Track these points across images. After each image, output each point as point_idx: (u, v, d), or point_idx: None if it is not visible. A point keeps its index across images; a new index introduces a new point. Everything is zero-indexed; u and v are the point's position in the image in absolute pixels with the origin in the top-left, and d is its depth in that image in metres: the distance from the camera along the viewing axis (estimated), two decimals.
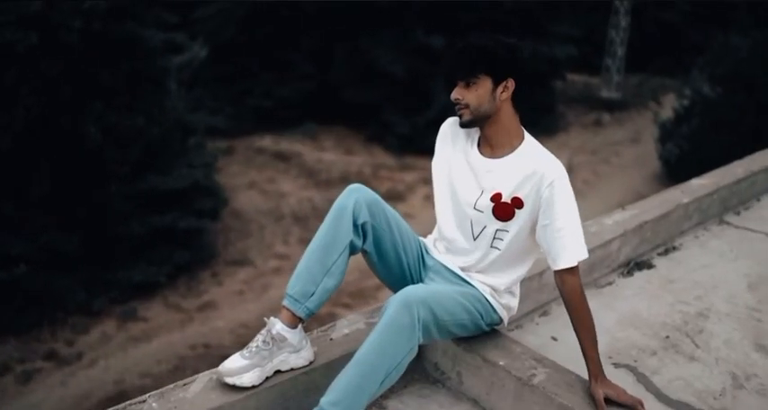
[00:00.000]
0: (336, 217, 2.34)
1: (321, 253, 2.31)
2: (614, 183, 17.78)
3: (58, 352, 11.40)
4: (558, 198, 2.26)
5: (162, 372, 11.11)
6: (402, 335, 2.10)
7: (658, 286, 3.47)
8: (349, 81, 20.13)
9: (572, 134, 20.48)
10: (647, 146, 19.35)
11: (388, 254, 2.46)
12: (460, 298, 2.32)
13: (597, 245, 3.39)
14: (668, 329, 3.09)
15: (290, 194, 17.72)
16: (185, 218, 13.47)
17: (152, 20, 12.85)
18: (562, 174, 2.28)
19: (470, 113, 2.30)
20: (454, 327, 2.32)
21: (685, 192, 4.16)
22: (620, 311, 3.22)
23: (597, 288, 3.42)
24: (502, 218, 2.35)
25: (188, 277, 13.71)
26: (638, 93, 22.93)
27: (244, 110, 19.88)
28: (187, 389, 2.24)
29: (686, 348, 2.95)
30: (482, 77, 2.26)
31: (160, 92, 13.08)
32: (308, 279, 2.30)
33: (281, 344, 2.26)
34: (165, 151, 13.32)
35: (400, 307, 2.09)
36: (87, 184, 12.18)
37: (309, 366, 2.36)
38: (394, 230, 2.45)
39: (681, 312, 3.24)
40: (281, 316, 2.30)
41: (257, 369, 2.22)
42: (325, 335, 2.56)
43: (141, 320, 12.41)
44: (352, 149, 20.17)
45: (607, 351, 2.90)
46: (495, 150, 2.37)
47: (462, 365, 2.54)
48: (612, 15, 21.90)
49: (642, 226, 3.66)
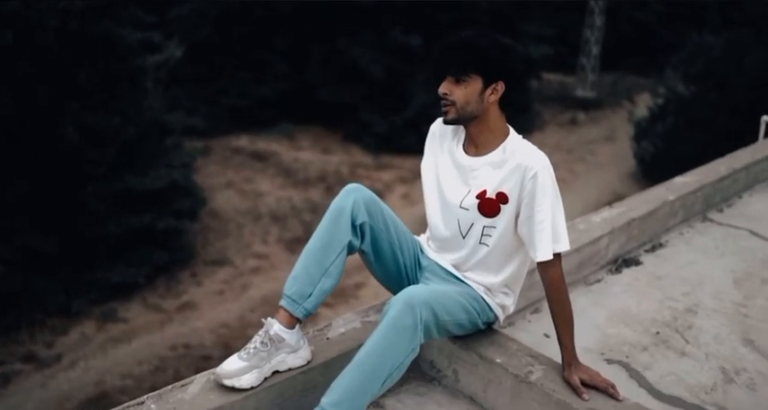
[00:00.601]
0: (335, 217, 2.34)
1: (319, 253, 2.31)
2: (590, 182, 17.92)
3: (36, 354, 11.28)
4: (539, 190, 2.27)
5: (143, 373, 11.05)
6: (405, 336, 2.10)
7: (646, 283, 3.52)
8: (326, 80, 20.10)
9: (548, 133, 20.60)
10: (622, 144, 19.53)
11: (386, 254, 2.47)
12: (459, 297, 2.34)
13: (586, 242, 3.43)
14: (658, 325, 3.13)
15: (267, 194, 17.67)
16: (164, 218, 13.38)
17: (128, 19, 12.73)
18: (545, 166, 2.29)
19: (456, 112, 2.30)
20: (453, 327, 2.34)
21: (670, 190, 4.21)
22: (610, 308, 3.26)
23: (586, 285, 3.45)
24: (488, 215, 2.35)
25: (167, 277, 13.62)
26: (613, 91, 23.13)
27: (220, 110, 19.77)
28: (185, 390, 2.23)
29: (676, 343, 2.99)
30: (473, 76, 2.26)
31: (137, 91, 12.97)
32: (305, 279, 2.29)
33: (279, 345, 2.26)
34: (143, 151, 13.21)
35: (403, 308, 2.10)
36: (65, 185, 12.05)
37: (307, 366, 2.35)
38: (391, 230, 2.45)
39: (670, 308, 3.28)
40: (278, 317, 2.29)
41: (256, 370, 2.22)
42: (322, 335, 2.56)
43: (121, 321, 12.32)
44: (330, 149, 20.15)
45: (599, 347, 2.93)
46: (480, 148, 2.38)
47: (458, 363, 2.55)
48: (587, 15, 22.07)
49: (630, 223, 3.70)
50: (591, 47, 22.06)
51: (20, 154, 11.55)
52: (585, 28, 22.12)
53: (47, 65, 11.25)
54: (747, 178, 4.87)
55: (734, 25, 18.80)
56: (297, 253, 2.33)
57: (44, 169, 11.83)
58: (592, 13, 21.89)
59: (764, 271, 3.73)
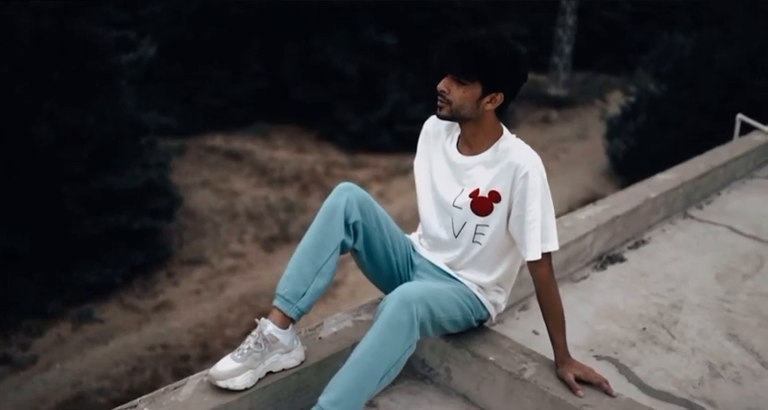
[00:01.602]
0: (328, 216, 2.34)
1: (312, 252, 2.31)
2: (563, 179, 18.02)
3: (11, 357, 11.11)
4: (530, 189, 2.28)
5: (120, 374, 10.92)
6: (401, 333, 2.11)
7: (632, 279, 3.56)
8: (300, 79, 20.01)
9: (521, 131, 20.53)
10: (594, 142, 19.68)
11: (378, 254, 2.47)
12: (453, 293, 2.35)
13: (572, 239, 3.46)
14: (645, 321, 3.17)
15: (243, 193, 17.56)
16: (140, 217, 13.23)
17: (103, 17, 12.59)
18: (536, 165, 2.30)
19: (449, 111, 2.30)
20: (447, 324, 2.35)
21: (652, 187, 4.26)
22: (597, 304, 3.29)
23: (573, 282, 3.48)
24: (480, 213, 2.37)
25: (143, 277, 13.48)
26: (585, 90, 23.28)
27: (195, 109, 19.58)
28: (179, 393, 2.22)
29: (663, 339, 3.03)
30: (475, 82, 2.24)
31: (112, 90, 12.81)
32: (299, 279, 2.29)
33: (273, 345, 2.25)
34: (118, 150, 13.06)
35: (399, 305, 2.10)
36: (40, 184, 11.87)
37: (301, 366, 2.36)
38: (384, 229, 2.46)
39: (655, 304, 3.32)
40: (271, 317, 2.29)
41: (249, 371, 2.21)
42: (314, 334, 2.56)
43: (97, 322, 12.17)
44: (305, 147, 20.07)
45: (588, 343, 2.96)
46: (474, 148, 2.39)
47: (451, 361, 2.56)
48: (559, 14, 22.20)
49: (614, 220, 3.74)
50: (563, 46, 22.20)
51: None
52: (557, 27, 22.25)
53: (21, 63, 11.08)
54: (725, 175, 4.94)
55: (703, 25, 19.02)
56: (274, 252, 2.33)
57: (18, 168, 11.65)
58: (564, 12, 22.02)
59: (745, 266, 3.79)
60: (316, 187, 17.80)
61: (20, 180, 11.65)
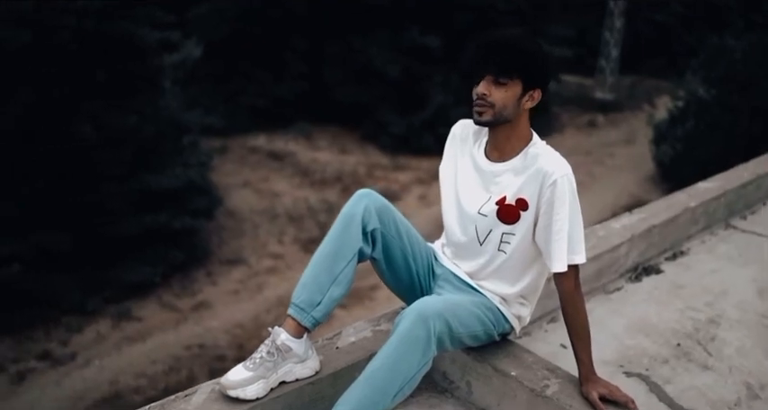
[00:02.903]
0: (345, 223, 2.27)
1: (329, 261, 2.24)
2: (608, 185, 17.75)
3: (52, 352, 11.29)
4: (558, 198, 2.19)
5: (157, 373, 11.02)
6: (417, 349, 2.03)
7: (667, 292, 3.42)
8: (343, 80, 20.05)
9: (566, 135, 20.44)
10: (641, 147, 19.33)
11: (398, 263, 2.39)
12: (474, 307, 2.26)
13: (605, 249, 3.34)
14: (679, 336, 3.03)
15: (284, 193, 17.62)
16: (179, 217, 13.35)
17: (146, 18, 12.72)
18: (565, 173, 2.20)
19: (492, 114, 2.21)
20: (468, 339, 2.26)
21: (692, 196, 4.10)
22: (630, 317, 3.16)
23: (605, 293, 3.36)
24: (507, 221, 2.28)
25: (182, 276, 13.60)
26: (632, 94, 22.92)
27: (238, 109, 19.76)
28: (189, 401, 2.17)
29: (698, 356, 2.90)
30: (515, 80, 2.17)
31: (154, 91, 12.96)
32: (314, 287, 2.22)
33: (286, 355, 2.19)
34: (159, 150, 13.21)
35: (416, 321, 2.03)
36: (81, 183, 12.06)
37: (315, 376, 2.29)
38: (404, 238, 2.38)
39: (691, 319, 3.18)
40: (285, 326, 2.23)
41: (261, 380, 2.15)
42: (331, 344, 2.49)
43: (135, 320, 12.30)
44: (347, 149, 20.08)
45: (618, 359, 2.84)
46: (503, 154, 2.31)
47: (472, 375, 2.47)
48: (607, 17, 21.87)
49: (650, 230, 3.60)
50: (610, 49, 21.86)
51: (37, 152, 11.57)
52: (605, 30, 21.92)
53: (64, 64, 11.26)
54: None
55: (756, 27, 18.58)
56: (312, 253, 2.27)
57: (61, 168, 11.84)
58: (611, 14, 21.69)
59: None
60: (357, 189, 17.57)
61: (62, 179, 11.83)
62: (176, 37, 14.04)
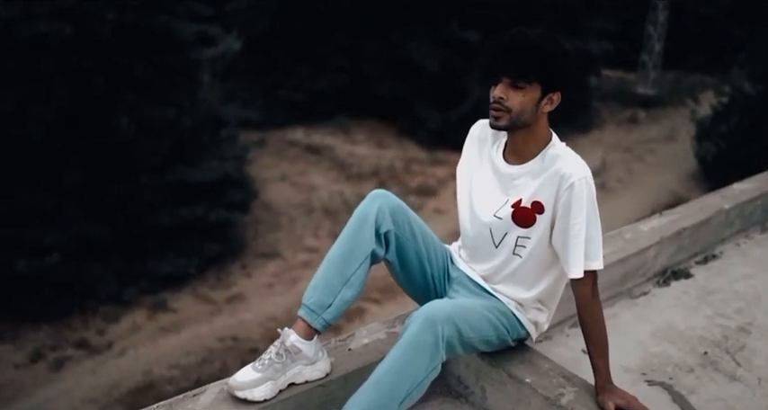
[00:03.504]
0: (358, 224, 2.23)
1: (341, 262, 2.21)
2: (649, 182, 17.44)
3: (89, 341, 11.47)
4: (575, 202, 2.12)
5: (190, 364, 11.13)
6: (425, 354, 1.99)
7: (696, 297, 3.32)
8: (381, 74, 20.00)
9: (606, 131, 20.13)
10: (683, 144, 18.94)
11: (412, 265, 2.35)
12: (487, 312, 2.21)
13: (632, 252, 3.25)
14: (707, 344, 2.94)
15: (320, 187, 17.65)
16: (215, 210, 13.46)
17: (185, 12, 12.81)
18: (584, 176, 2.12)
19: (509, 119, 2.14)
20: (479, 343, 2.21)
21: (726, 198, 3.98)
22: (656, 323, 3.08)
23: (631, 298, 3.27)
24: (522, 224, 2.21)
25: (217, 269, 13.71)
26: (675, 89, 22.44)
27: (276, 102, 19.84)
28: (197, 401, 2.15)
29: (726, 366, 2.80)
30: (534, 84, 2.10)
31: (192, 84, 13.06)
32: (325, 289, 2.19)
33: (296, 357, 2.16)
34: (196, 143, 13.31)
35: (424, 325, 1.98)
36: (118, 175, 12.22)
37: (326, 378, 2.26)
38: (418, 239, 2.33)
39: (720, 326, 3.08)
40: (295, 327, 2.20)
41: (270, 382, 2.13)
42: (344, 345, 2.46)
43: (171, 311, 12.44)
44: (384, 143, 20.04)
45: (641, 366, 2.76)
46: (522, 156, 2.24)
47: (486, 380, 2.42)
48: (651, 10, 21.46)
49: (680, 233, 3.50)
50: (653, 43, 21.45)
51: (75, 144, 11.74)
52: (648, 24, 21.51)
53: (103, 57, 11.39)
54: None
55: None
56: None
57: (99, 160, 12.00)
58: (655, 8, 21.26)
59: None
60: (393, 183, 17.73)
61: (99, 171, 11.99)
62: (214, 30, 14.10)
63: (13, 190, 11.36)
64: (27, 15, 10.45)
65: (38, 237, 11.37)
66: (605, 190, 16.95)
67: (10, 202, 11.35)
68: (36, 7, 10.55)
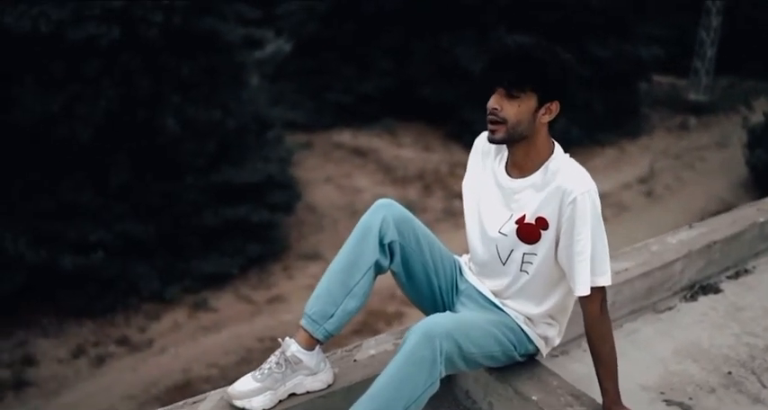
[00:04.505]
0: (362, 235, 2.19)
1: (344, 272, 2.18)
2: (697, 190, 17.08)
3: (130, 338, 11.66)
4: (579, 217, 2.05)
5: (229, 363, 11.22)
6: (421, 370, 1.94)
7: (724, 313, 3.20)
8: (428, 78, 19.96)
9: (655, 137, 19.79)
10: (734, 151, 18.52)
11: (418, 276, 2.30)
12: (491, 327, 2.15)
13: (657, 266, 3.15)
14: (732, 364, 2.83)
15: (365, 190, 17.67)
16: (258, 211, 13.57)
17: (232, 15, 12.97)
18: (587, 190, 2.05)
19: (505, 131, 2.08)
20: (483, 359, 2.15)
21: (762, 210, 3.85)
22: (679, 340, 2.98)
23: (655, 313, 3.17)
24: (527, 241, 2.15)
25: (259, 269, 13.82)
26: (728, 96, 21.94)
27: (324, 104, 19.97)
28: (196, 408, 2.15)
29: (751, 387, 2.69)
30: (528, 93, 2.05)
31: (238, 86, 13.21)
32: (328, 299, 2.16)
33: (296, 367, 2.14)
34: (241, 144, 13.45)
35: (421, 340, 1.94)
36: (163, 175, 12.41)
37: (328, 389, 2.23)
38: (425, 250, 2.28)
39: (747, 345, 2.97)
40: (297, 337, 2.18)
41: (269, 392, 2.11)
42: (350, 356, 2.43)
43: (212, 310, 12.58)
44: (430, 146, 20.00)
45: (659, 385, 2.67)
46: (523, 171, 2.17)
47: (494, 395, 2.36)
48: (704, 15, 21.01)
49: (710, 246, 3.39)
50: (706, 48, 20.99)
51: (122, 145, 11.97)
52: (701, 29, 21.06)
53: (150, 59, 11.59)
54: None
55: None
56: None
57: (145, 160, 12.20)
58: (708, 13, 20.81)
59: None
60: (438, 187, 17.66)
61: (145, 170, 12.18)
62: (260, 33, 14.24)
63: (60, 188, 11.62)
64: (77, 18, 10.68)
65: (83, 235, 11.62)
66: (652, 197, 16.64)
67: (57, 200, 11.62)
68: (86, 10, 10.77)
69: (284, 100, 18.28)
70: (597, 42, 18.48)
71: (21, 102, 10.92)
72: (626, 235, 11.97)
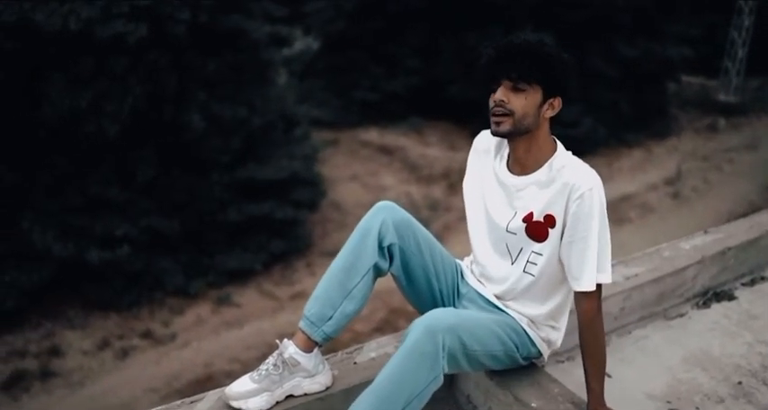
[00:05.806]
0: (361, 237, 2.19)
1: (342, 275, 2.17)
2: (725, 192, 16.83)
3: (154, 332, 11.78)
4: (584, 212, 2.04)
5: (250, 358, 11.28)
6: (424, 364, 1.92)
7: (737, 321, 3.15)
8: (455, 77, 19.90)
9: (684, 138, 19.54)
10: (764, 153, 18.24)
11: (418, 279, 2.29)
12: (495, 326, 2.13)
13: (669, 272, 3.10)
14: (742, 373, 2.78)
15: (390, 188, 17.69)
16: (283, 207, 13.64)
17: (259, 13, 13.03)
18: (593, 186, 2.04)
19: (512, 124, 2.07)
20: (485, 358, 2.12)
21: None
22: (689, 348, 2.93)
23: (666, 319, 3.13)
24: (536, 239, 2.14)
25: (283, 266, 13.88)
26: (758, 97, 21.59)
27: (351, 102, 20.01)
28: (193, 407, 2.15)
29: (761, 398, 2.64)
30: (535, 86, 2.04)
31: (263, 83, 13.27)
32: (326, 301, 2.16)
33: (294, 369, 2.14)
34: (266, 141, 13.53)
35: (424, 333, 1.92)
36: (189, 171, 12.51)
37: (326, 391, 2.22)
38: (425, 253, 2.27)
39: (760, 354, 2.91)
40: (295, 339, 2.18)
41: (266, 393, 2.11)
42: (350, 358, 2.42)
43: (235, 306, 12.66)
44: (456, 145, 19.93)
45: (666, 393, 2.63)
46: (526, 167, 2.16)
47: (494, 401, 2.34)
48: (735, 15, 20.68)
49: (725, 252, 3.33)
50: (737, 49, 20.67)
51: (149, 141, 12.08)
52: (732, 29, 20.74)
53: (177, 56, 11.68)
54: None
55: None
56: None
57: (171, 156, 12.31)
58: (740, 12, 20.49)
59: None
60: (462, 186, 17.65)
61: (171, 166, 12.29)
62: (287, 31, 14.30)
63: (87, 183, 11.76)
64: (106, 16, 10.79)
65: (109, 229, 11.75)
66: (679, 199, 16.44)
67: (84, 195, 11.76)
68: (114, 8, 10.88)
69: (312, 97, 18.34)
70: (625, 42, 18.29)
71: (50, 98, 11.06)
72: (650, 237, 11.86)
